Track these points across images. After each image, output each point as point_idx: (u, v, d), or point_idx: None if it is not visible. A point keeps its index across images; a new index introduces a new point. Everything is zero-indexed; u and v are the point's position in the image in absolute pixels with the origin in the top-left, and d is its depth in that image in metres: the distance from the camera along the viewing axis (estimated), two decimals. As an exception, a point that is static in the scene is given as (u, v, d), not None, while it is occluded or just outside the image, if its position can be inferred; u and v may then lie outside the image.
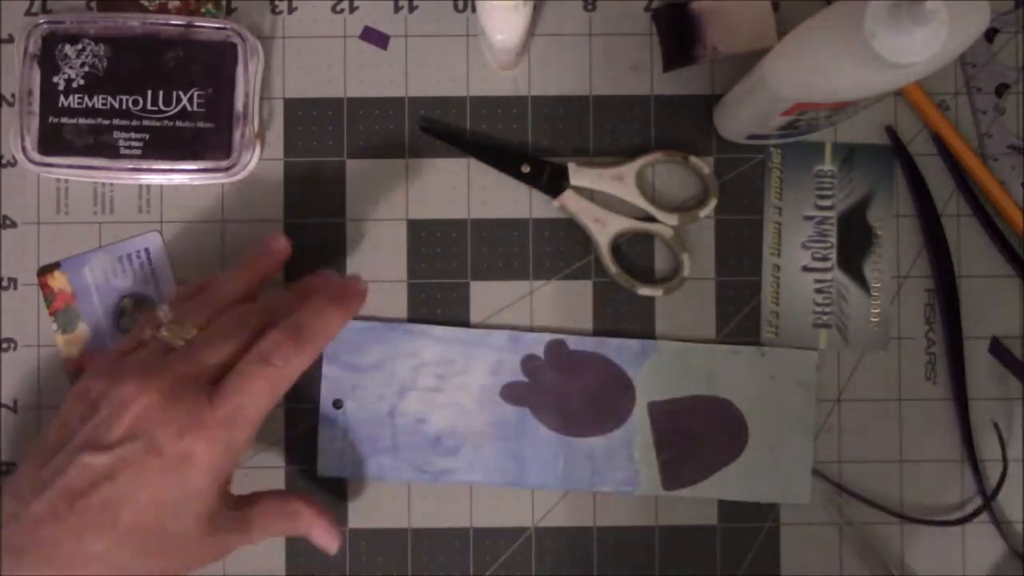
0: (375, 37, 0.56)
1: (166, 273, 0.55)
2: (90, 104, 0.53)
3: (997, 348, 0.55)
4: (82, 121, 0.54)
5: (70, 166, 0.54)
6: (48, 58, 0.53)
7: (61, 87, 0.53)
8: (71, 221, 0.55)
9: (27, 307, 0.55)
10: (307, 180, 0.56)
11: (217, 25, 0.54)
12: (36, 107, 0.53)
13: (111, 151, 0.54)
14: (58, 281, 0.54)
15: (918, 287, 0.56)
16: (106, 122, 0.53)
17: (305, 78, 0.56)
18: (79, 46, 0.53)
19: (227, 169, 0.54)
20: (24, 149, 0.53)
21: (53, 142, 0.54)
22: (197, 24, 0.54)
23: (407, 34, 0.56)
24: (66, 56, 0.53)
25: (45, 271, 0.55)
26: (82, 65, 0.53)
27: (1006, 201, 0.55)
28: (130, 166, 0.54)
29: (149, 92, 0.54)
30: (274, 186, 0.56)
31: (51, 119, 0.53)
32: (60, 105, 0.53)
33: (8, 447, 0.55)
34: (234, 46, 0.54)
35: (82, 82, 0.53)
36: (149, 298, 0.55)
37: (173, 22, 0.54)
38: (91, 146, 0.54)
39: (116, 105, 0.54)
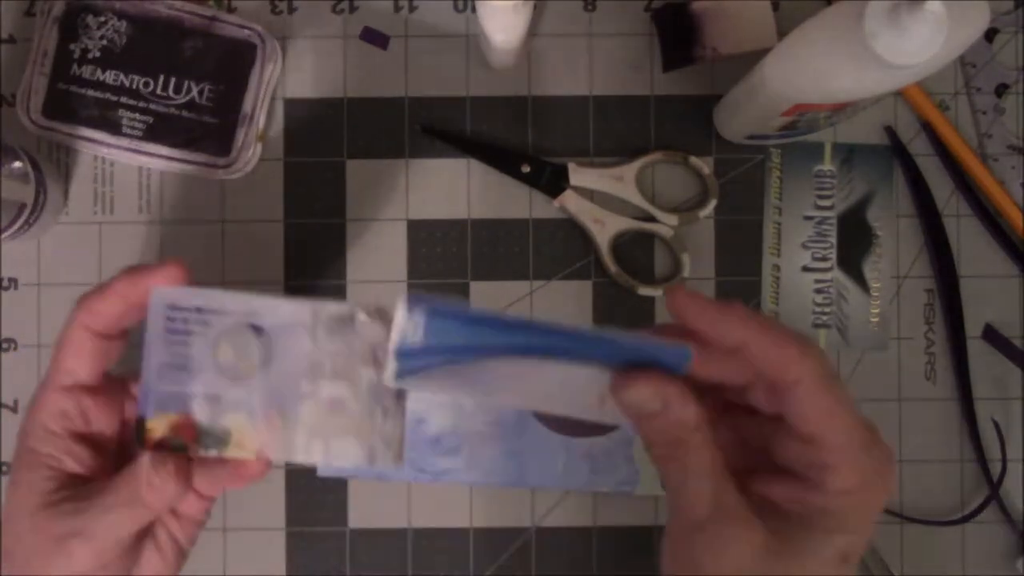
0: (375, 37, 0.56)
1: None
2: (101, 78, 0.54)
3: (990, 334, 0.55)
4: (90, 93, 0.54)
5: (70, 134, 0.54)
6: (69, 24, 0.53)
7: (76, 55, 0.54)
8: (72, 222, 0.55)
9: (27, 307, 0.55)
10: (307, 180, 0.56)
11: (241, 23, 0.54)
12: (48, 70, 0.54)
13: (113, 127, 0.54)
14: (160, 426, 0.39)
15: (918, 287, 0.56)
16: (114, 98, 0.54)
17: (305, 78, 0.56)
18: (102, 18, 0.53)
19: (225, 166, 0.54)
20: (28, 109, 0.54)
21: (58, 108, 0.54)
22: (222, 19, 0.54)
23: (407, 34, 0.56)
24: (87, 26, 0.53)
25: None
26: (101, 38, 0.53)
27: (1006, 201, 0.55)
28: (129, 146, 0.54)
29: (161, 77, 0.54)
30: (274, 186, 0.56)
31: (60, 85, 0.54)
32: (72, 73, 0.54)
33: (8, 447, 0.55)
34: (253, 47, 0.54)
35: (98, 54, 0.54)
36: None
37: (199, 12, 0.54)
38: (95, 119, 0.54)
39: (127, 83, 0.54)
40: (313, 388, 0.38)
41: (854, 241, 0.56)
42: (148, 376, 0.38)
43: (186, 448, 0.38)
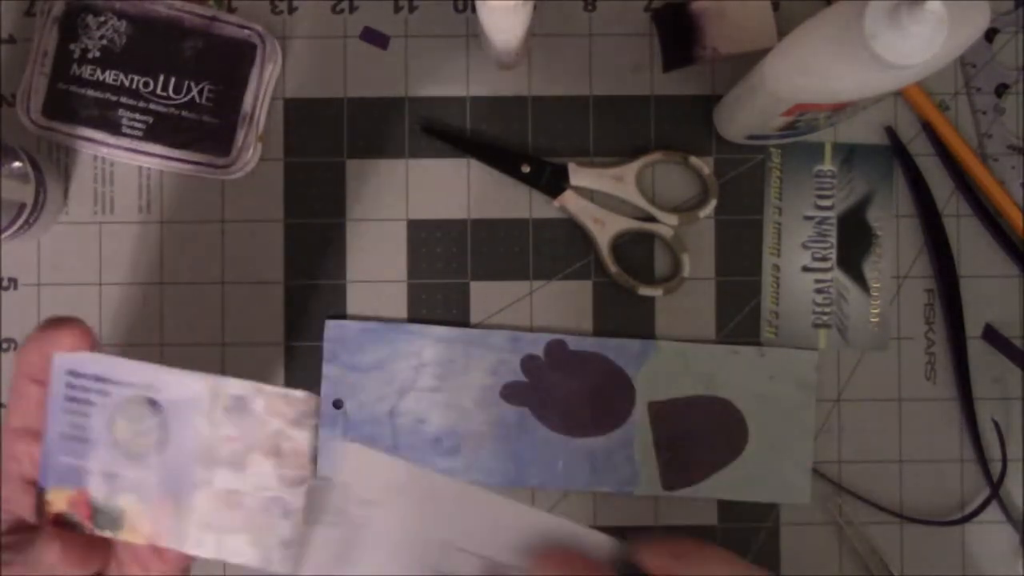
0: (375, 37, 0.56)
1: None
2: (101, 77, 0.54)
3: (990, 334, 0.55)
4: (90, 93, 0.54)
5: (70, 134, 0.54)
6: (69, 24, 0.54)
7: (76, 55, 0.54)
8: (72, 222, 0.55)
9: (27, 307, 0.55)
10: (307, 180, 0.56)
11: (241, 23, 0.54)
12: (48, 70, 0.54)
13: (113, 127, 0.54)
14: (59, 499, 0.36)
15: (918, 287, 0.56)
16: (114, 98, 0.54)
17: (305, 78, 0.56)
18: (101, 18, 0.53)
19: (225, 166, 0.54)
20: (28, 109, 0.54)
21: (58, 108, 0.54)
22: (221, 19, 0.54)
23: (407, 34, 0.56)
24: (87, 26, 0.53)
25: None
26: (100, 38, 0.53)
27: (1006, 201, 0.55)
28: (129, 146, 0.54)
29: (161, 77, 0.54)
30: (274, 186, 0.56)
31: (60, 85, 0.54)
32: (72, 73, 0.54)
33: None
34: (253, 47, 0.54)
35: (97, 54, 0.54)
36: None
37: (199, 12, 0.54)
38: (94, 119, 0.54)
39: (127, 83, 0.54)
40: (208, 476, 0.35)
41: (854, 241, 0.56)
42: (48, 446, 0.36)
43: (82, 526, 0.35)
